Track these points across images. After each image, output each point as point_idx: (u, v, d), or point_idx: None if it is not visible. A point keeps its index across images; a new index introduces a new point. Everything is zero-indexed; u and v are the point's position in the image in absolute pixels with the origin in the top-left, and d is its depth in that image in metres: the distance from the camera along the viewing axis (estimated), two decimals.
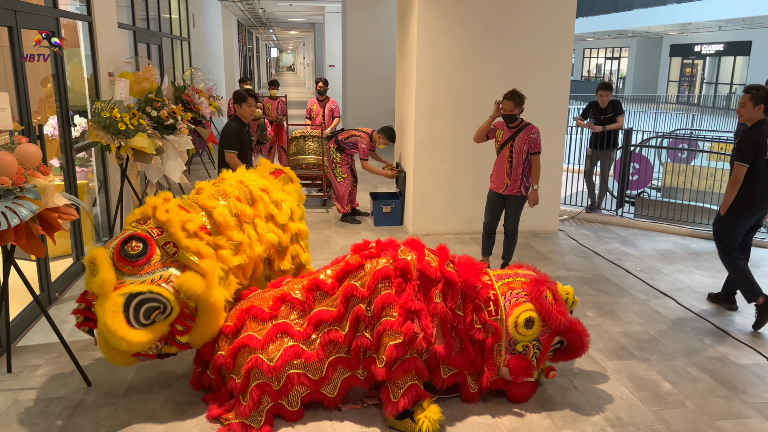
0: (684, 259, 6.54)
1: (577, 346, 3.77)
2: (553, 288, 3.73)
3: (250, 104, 5.79)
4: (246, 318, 3.63)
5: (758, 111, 4.73)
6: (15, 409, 3.60)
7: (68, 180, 5.53)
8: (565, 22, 6.94)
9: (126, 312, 3.31)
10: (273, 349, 3.49)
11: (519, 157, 5.41)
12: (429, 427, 3.38)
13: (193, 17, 13.12)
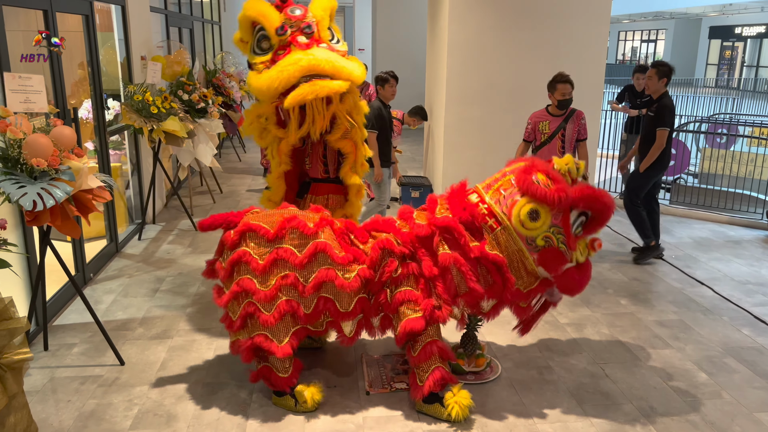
0: (722, 247, 6.36)
1: (599, 208, 3.34)
2: (545, 168, 3.35)
3: (392, 85, 5.86)
4: (287, 228, 3.37)
5: (662, 84, 5.58)
6: (51, 387, 3.69)
7: (102, 163, 5.61)
8: (601, 3, 6.75)
9: None
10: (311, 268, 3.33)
11: (570, 147, 5.19)
12: (459, 413, 3.32)
13: (224, 1, 13.16)
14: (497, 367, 3.93)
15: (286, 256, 3.31)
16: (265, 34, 3.64)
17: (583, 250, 3.40)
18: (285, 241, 3.34)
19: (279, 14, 3.66)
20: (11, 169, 3.31)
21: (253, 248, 3.35)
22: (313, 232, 3.34)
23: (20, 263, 4.15)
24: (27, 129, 3.38)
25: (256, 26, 3.70)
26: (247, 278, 3.33)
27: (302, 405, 3.45)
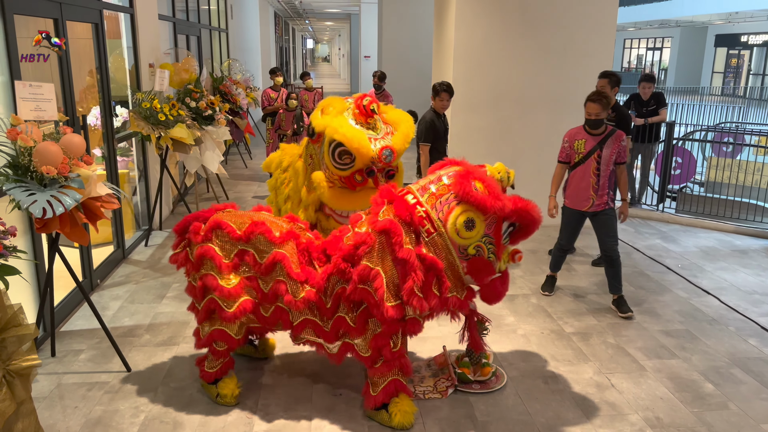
0: (728, 256, 6.34)
1: (528, 221, 3.36)
2: (480, 176, 3.30)
3: (443, 98, 5.74)
4: (254, 232, 3.45)
5: (614, 93, 5.73)
6: (58, 393, 3.70)
7: (110, 169, 5.65)
8: (607, 12, 6.77)
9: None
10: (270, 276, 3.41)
11: (607, 169, 4.75)
12: (402, 421, 3.38)
13: (231, 8, 13.24)
14: (503, 376, 3.93)
15: (249, 260, 3.43)
16: (350, 154, 4.01)
17: (506, 259, 3.43)
18: (249, 244, 3.44)
19: (372, 149, 3.99)
20: (21, 177, 3.34)
21: (218, 245, 3.46)
22: (277, 242, 3.42)
23: (28, 269, 4.18)
24: (37, 137, 3.41)
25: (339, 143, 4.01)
26: (211, 275, 3.43)
27: (222, 398, 3.59)
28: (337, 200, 4.14)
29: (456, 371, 3.84)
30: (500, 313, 4.88)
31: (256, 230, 3.44)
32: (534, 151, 6.87)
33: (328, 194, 4.13)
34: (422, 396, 3.69)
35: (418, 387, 3.78)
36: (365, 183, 4.11)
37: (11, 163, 3.37)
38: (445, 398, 3.69)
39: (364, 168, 4.05)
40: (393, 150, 4.07)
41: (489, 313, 4.85)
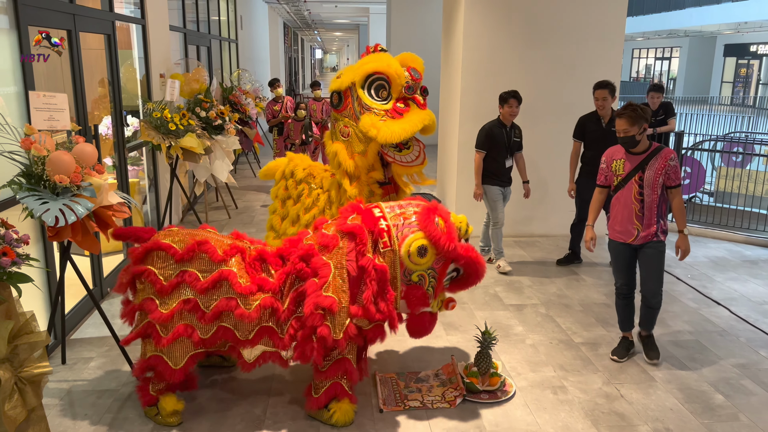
0: (738, 266, 6.31)
1: (472, 272, 3.56)
2: (445, 216, 3.48)
3: (511, 105, 5.70)
4: (196, 252, 3.42)
5: (613, 102, 5.69)
6: (69, 400, 3.73)
7: (120, 178, 5.70)
8: (615, 22, 6.79)
9: None
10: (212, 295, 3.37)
11: (653, 193, 4.02)
12: (340, 418, 3.49)
13: (240, 19, 13.36)
14: (511, 386, 3.92)
15: (190, 281, 3.37)
16: (385, 85, 4.32)
17: (439, 302, 3.59)
18: (192, 264, 3.40)
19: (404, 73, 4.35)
20: (35, 186, 3.38)
21: (158, 268, 3.41)
22: (220, 260, 3.41)
23: (40, 277, 4.21)
24: (50, 146, 3.45)
25: (375, 75, 4.32)
26: (149, 298, 3.39)
27: (161, 418, 3.49)
28: (392, 132, 4.20)
29: (464, 381, 3.83)
30: (509, 323, 4.88)
31: (198, 249, 3.42)
32: (542, 162, 6.87)
33: (385, 131, 4.21)
34: (431, 406, 3.69)
35: (426, 397, 3.78)
36: (408, 108, 4.34)
37: (25, 172, 3.41)
38: (453, 408, 3.69)
39: (403, 91, 4.33)
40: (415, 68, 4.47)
41: (497, 322, 4.85)
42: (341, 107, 4.46)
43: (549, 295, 5.45)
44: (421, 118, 4.32)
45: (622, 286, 4.34)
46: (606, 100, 5.59)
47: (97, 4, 5.51)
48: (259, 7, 16.46)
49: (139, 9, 6.47)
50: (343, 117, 4.47)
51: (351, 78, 4.35)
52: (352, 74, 4.35)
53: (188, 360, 3.40)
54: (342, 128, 4.50)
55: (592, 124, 5.80)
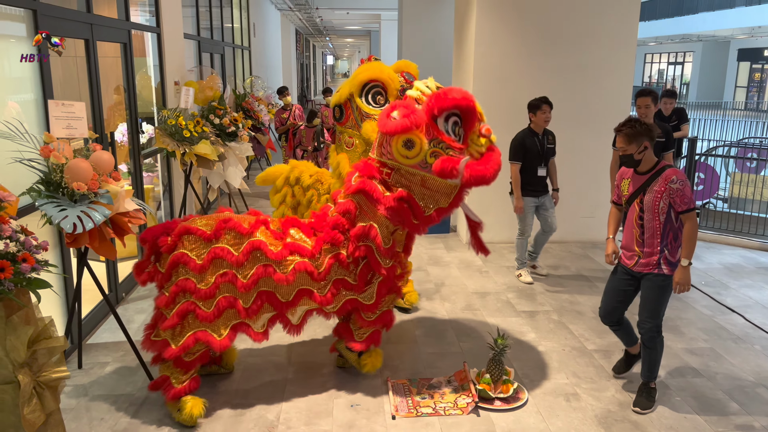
0: (753, 273, 6.26)
1: (455, 103, 3.46)
2: (396, 104, 3.57)
3: (544, 111, 5.59)
4: (224, 229, 3.63)
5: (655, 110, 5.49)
6: (85, 404, 3.77)
7: (135, 184, 5.76)
8: (627, 27, 6.78)
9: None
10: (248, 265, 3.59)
11: (654, 218, 3.63)
12: (372, 368, 4.00)
13: (253, 27, 13.47)
14: (524, 393, 3.91)
15: (224, 255, 3.55)
16: (381, 92, 4.47)
17: (477, 141, 3.53)
18: (222, 241, 3.59)
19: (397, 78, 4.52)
20: (53, 193, 3.43)
21: (191, 249, 3.57)
22: (248, 232, 3.62)
23: (57, 283, 4.27)
24: (68, 154, 3.51)
25: (371, 83, 4.47)
26: (186, 278, 3.54)
27: (180, 414, 3.54)
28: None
29: (477, 388, 3.84)
30: (521, 329, 4.87)
31: (226, 226, 3.63)
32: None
33: None
34: (443, 412, 3.70)
35: (438, 403, 3.79)
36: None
37: (44, 180, 3.47)
38: (465, 415, 3.69)
39: (398, 94, 4.43)
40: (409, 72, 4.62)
41: (510, 329, 4.85)
42: (343, 119, 4.61)
43: (561, 302, 5.43)
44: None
45: (603, 313, 3.96)
46: (649, 108, 5.39)
47: (114, 14, 5.59)
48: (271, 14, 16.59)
49: (154, 18, 6.56)
50: (346, 128, 4.62)
51: (348, 89, 4.51)
52: (349, 86, 4.51)
53: (230, 330, 3.58)
54: (347, 139, 4.64)
55: None
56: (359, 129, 4.54)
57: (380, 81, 4.46)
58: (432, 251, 6.88)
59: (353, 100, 4.51)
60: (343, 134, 4.68)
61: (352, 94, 4.51)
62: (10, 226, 2.84)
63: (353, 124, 4.59)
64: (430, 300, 5.44)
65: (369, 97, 4.49)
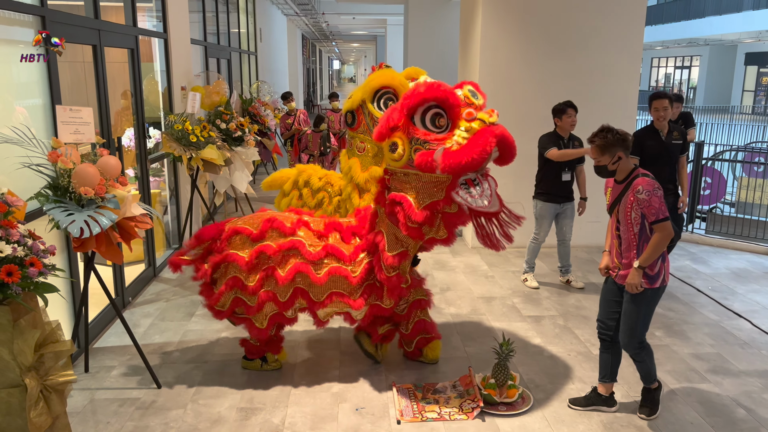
0: (760, 278, 6.23)
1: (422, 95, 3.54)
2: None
3: (570, 115, 5.49)
4: (268, 228, 3.95)
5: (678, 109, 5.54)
6: (91, 408, 3.79)
7: (142, 189, 5.79)
8: (633, 32, 6.78)
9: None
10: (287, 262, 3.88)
11: (628, 228, 3.50)
12: (435, 356, 4.35)
13: (260, 32, 13.53)
14: (529, 398, 3.91)
15: (268, 252, 3.86)
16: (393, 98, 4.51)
17: (460, 128, 3.52)
18: (266, 239, 3.91)
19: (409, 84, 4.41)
20: (60, 198, 3.46)
21: (239, 249, 3.91)
22: (290, 232, 3.93)
23: (64, 287, 4.30)
24: (76, 159, 3.54)
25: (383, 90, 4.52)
26: (235, 277, 3.90)
27: (270, 364, 4.21)
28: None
29: (482, 393, 3.83)
30: (527, 334, 4.86)
31: (270, 226, 3.94)
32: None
33: None
34: (448, 417, 3.70)
35: (443, 408, 3.78)
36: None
37: (51, 185, 3.50)
38: (470, 420, 3.68)
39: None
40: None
41: (515, 334, 4.84)
42: (356, 125, 4.72)
43: (567, 307, 5.42)
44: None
45: (601, 324, 3.80)
46: (667, 110, 5.24)
47: (121, 19, 5.63)
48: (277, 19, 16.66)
49: (161, 23, 6.60)
50: (358, 134, 4.72)
51: (361, 96, 4.62)
52: (362, 92, 4.62)
53: (269, 321, 3.94)
54: (358, 144, 4.75)
55: (650, 138, 5.37)
56: (371, 134, 4.61)
57: (392, 87, 4.55)
58: (438, 256, 6.88)
59: (365, 106, 4.61)
60: (355, 139, 4.77)
61: (365, 101, 4.61)
62: (17, 230, 2.87)
63: (365, 130, 4.69)
64: (435, 305, 5.43)
65: (381, 103, 4.59)
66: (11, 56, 3.83)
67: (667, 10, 31.12)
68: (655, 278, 3.49)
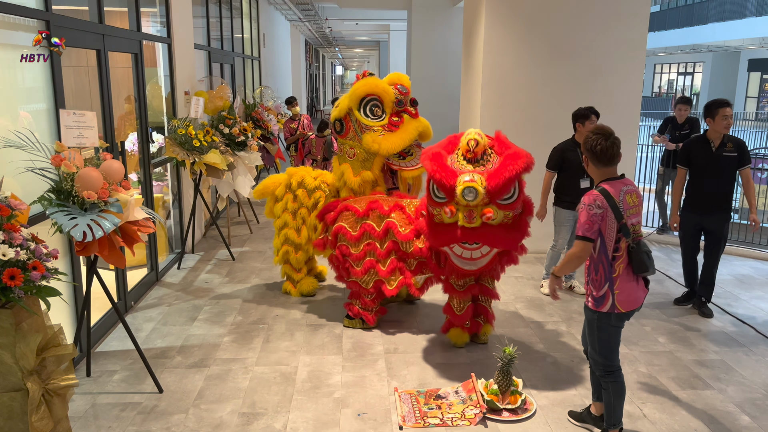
0: (764, 284, 6.20)
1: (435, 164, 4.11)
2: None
3: (593, 121, 5.42)
4: (371, 209, 4.71)
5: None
6: (93, 413, 3.78)
7: (145, 193, 5.80)
8: (636, 38, 6.78)
9: None
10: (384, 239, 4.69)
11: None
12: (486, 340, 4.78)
13: (263, 37, 13.57)
14: (532, 404, 3.89)
15: (369, 230, 4.69)
16: (378, 104, 4.94)
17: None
18: (369, 218, 4.72)
19: (392, 90, 4.94)
20: (64, 201, 3.46)
21: (347, 223, 4.76)
22: (387, 213, 4.67)
23: (67, 291, 4.30)
24: (79, 163, 3.54)
25: (368, 97, 4.92)
26: (344, 245, 4.79)
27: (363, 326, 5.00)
28: (392, 143, 4.86)
29: (485, 398, 3.82)
30: (530, 340, 4.85)
31: (372, 207, 4.71)
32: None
33: (386, 144, 4.85)
34: (450, 423, 3.68)
35: (446, 414, 3.77)
36: (402, 120, 4.95)
37: (54, 188, 3.50)
38: (473, 425, 3.67)
39: (394, 105, 4.91)
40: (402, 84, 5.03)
41: (518, 340, 4.82)
42: (344, 132, 5.01)
43: (570, 313, 5.40)
44: (415, 126, 4.97)
45: (582, 340, 3.68)
46: (730, 118, 4.96)
47: (125, 24, 5.65)
48: (281, 25, 16.71)
49: (165, 28, 6.62)
50: (347, 141, 5.02)
51: (347, 104, 4.93)
52: (348, 101, 4.93)
53: (373, 284, 4.76)
54: (348, 150, 5.04)
55: (699, 148, 5.14)
56: (360, 140, 4.94)
57: (376, 94, 4.87)
58: None
59: (352, 113, 4.92)
60: (345, 145, 5.04)
61: (351, 108, 4.91)
62: (21, 234, 2.87)
63: (353, 136, 4.99)
64: (438, 310, 5.42)
65: (367, 110, 4.90)
66: (16, 61, 3.84)
67: (671, 16, 31.13)
68: (599, 301, 3.32)
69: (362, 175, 5.01)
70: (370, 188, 5.08)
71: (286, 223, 5.42)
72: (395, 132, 4.91)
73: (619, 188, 3.26)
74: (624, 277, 3.28)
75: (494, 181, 3.92)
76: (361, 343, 4.75)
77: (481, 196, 3.91)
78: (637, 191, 3.34)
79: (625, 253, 3.26)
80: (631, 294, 3.30)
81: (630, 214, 3.25)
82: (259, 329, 5.00)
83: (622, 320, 3.37)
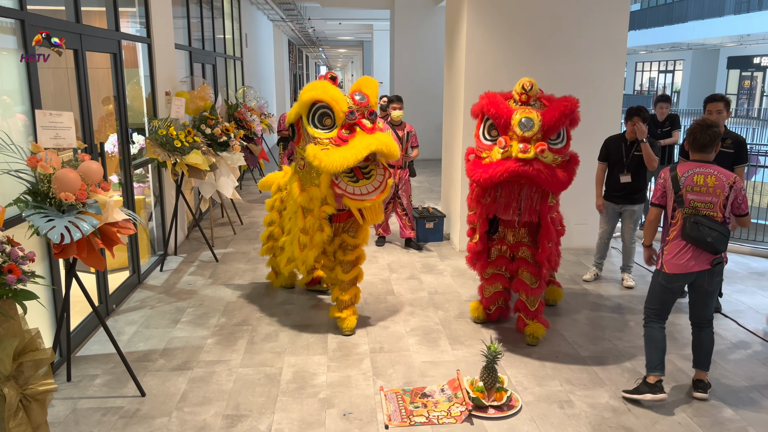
0: (745, 278, 6.27)
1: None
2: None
3: (634, 122, 5.53)
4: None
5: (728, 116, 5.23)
6: (74, 418, 3.72)
7: (126, 195, 5.73)
8: (617, 37, 6.82)
9: None
10: None
11: None
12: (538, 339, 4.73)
13: (245, 37, 13.48)
14: (518, 401, 3.89)
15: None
16: (329, 113, 4.24)
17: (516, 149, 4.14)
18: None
19: (345, 99, 4.31)
20: (40, 203, 3.40)
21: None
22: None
23: (45, 294, 4.23)
24: (57, 164, 3.48)
25: (318, 104, 4.26)
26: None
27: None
28: (333, 161, 4.10)
29: (470, 396, 3.81)
30: (514, 337, 4.85)
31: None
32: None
33: (326, 161, 4.11)
34: (436, 421, 3.67)
35: (431, 412, 3.76)
36: (354, 133, 4.25)
37: (31, 190, 3.44)
38: (459, 423, 3.66)
39: (345, 117, 4.23)
40: (360, 92, 4.44)
41: (503, 336, 4.82)
42: (296, 139, 4.47)
43: (555, 309, 5.42)
44: (366, 144, 4.13)
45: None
46: (721, 113, 5.08)
47: (104, 24, 5.58)
48: (263, 25, 16.62)
49: (145, 28, 6.55)
50: (299, 149, 4.48)
51: (297, 110, 4.36)
52: (298, 107, 4.35)
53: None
54: (299, 161, 4.50)
55: None
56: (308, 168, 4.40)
57: (324, 101, 4.24)
58: (425, 259, 6.86)
59: (302, 121, 4.35)
60: (297, 154, 4.56)
61: (302, 115, 4.35)
62: None
63: (303, 145, 4.42)
64: (423, 308, 5.41)
65: (317, 119, 4.31)
66: None
67: (651, 15, 31.46)
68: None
69: (309, 192, 4.41)
70: (318, 205, 4.47)
71: (273, 220, 5.41)
72: (341, 147, 4.17)
73: (689, 168, 3.80)
74: (675, 242, 3.81)
75: (549, 115, 4.18)
76: (347, 343, 4.72)
77: (537, 128, 4.13)
78: (715, 175, 3.73)
79: (680, 221, 3.78)
80: (679, 259, 3.79)
81: (694, 191, 3.74)
82: (243, 331, 4.95)
83: (670, 282, 3.86)
